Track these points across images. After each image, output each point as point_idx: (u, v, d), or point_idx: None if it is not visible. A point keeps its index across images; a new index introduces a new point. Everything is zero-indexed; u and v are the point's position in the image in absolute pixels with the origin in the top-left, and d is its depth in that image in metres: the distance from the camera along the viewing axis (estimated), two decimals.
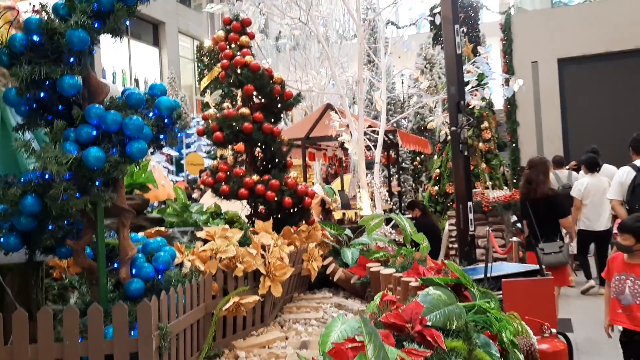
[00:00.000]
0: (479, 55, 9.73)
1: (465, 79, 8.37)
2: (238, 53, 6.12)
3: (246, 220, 6.11)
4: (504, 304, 3.76)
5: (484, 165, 11.30)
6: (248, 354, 3.72)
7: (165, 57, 27.69)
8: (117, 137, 3.16)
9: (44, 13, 3.16)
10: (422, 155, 15.20)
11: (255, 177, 5.70)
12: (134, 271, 3.39)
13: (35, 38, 3.07)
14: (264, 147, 5.99)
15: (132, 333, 2.98)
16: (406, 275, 4.03)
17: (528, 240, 6.64)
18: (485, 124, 11.21)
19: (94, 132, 3.12)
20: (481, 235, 9.07)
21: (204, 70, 27.39)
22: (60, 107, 3.33)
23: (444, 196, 12.04)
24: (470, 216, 5.78)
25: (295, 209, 5.71)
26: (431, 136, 14.31)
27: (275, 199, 5.56)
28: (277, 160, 6.07)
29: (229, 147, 9.17)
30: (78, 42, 3.03)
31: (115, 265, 3.51)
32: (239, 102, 6.95)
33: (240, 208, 6.42)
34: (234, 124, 5.81)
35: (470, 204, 5.81)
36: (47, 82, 3.14)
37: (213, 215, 6.54)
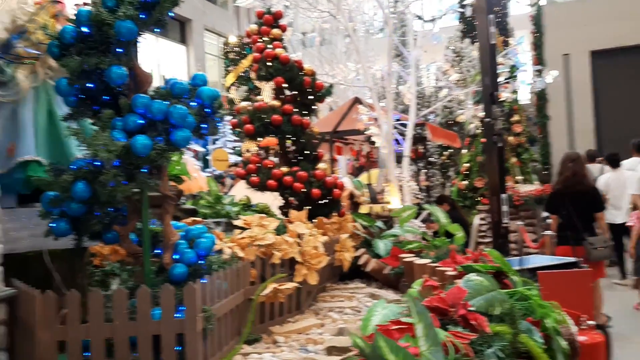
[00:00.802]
0: (510, 47, 9.64)
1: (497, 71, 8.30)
2: (269, 46, 6.19)
3: (278, 212, 6.19)
4: (541, 297, 3.76)
5: (514, 159, 11.19)
6: (286, 339, 3.79)
7: (191, 54, 27.96)
8: (162, 125, 3.24)
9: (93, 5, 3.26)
10: (451, 150, 15.12)
11: (284, 169, 5.78)
12: (176, 256, 3.47)
13: (84, 30, 3.17)
14: (294, 139, 6.05)
15: (177, 315, 3.06)
16: (442, 265, 4.05)
17: (561, 234, 6.55)
18: (516, 117, 11.11)
19: (141, 121, 3.20)
20: (512, 230, 9.01)
21: (229, 66, 27.60)
22: (106, 97, 3.43)
23: (473, 191, 11.94)
24: (504, 208, 5.76)
25: (325, 201, 5.76)
26: (460, 130, 14.21)
27: (304, 190, 5.63)
28: (307, 152, 6.13)
29: (255, 141, 9.27)
30: (126, 32, 3.11)
31: (159, 250, 3.61)
32: (264, 96, 7.03)
33: (271, 200, 6.50)
34: (263, 116, 5.90)
35: (503, 196, 5.79)
36: (95, 73, 3.24)
37: (244, 207, 6.64)
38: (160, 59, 24.68)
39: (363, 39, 14.09)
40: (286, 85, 6.00)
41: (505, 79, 9.17)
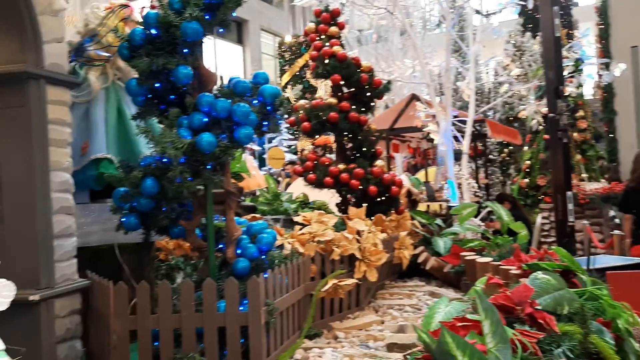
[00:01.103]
0: (575, 40, 9.30)
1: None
2: (327, 44, 6.23)
3: (336, 209, 6.21)
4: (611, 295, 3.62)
5: (579, 156, 10.78)
6: (347, 335, 3.81)
7: (248, 54, 28.42)
8: (226, 123, 3.33)
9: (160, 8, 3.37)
10: (511, 147, 14.72)
11: (341, 166, 5.79)
12: (239, 251, 3.56)
13: (153, 31, 3.29)
14: (350, 136, 6.06)
15: (241, 308, 3.14)
16: (505, 263, 3.96)
17: (637, 234, 6.25)
18: (581, 112, 10.69)
19: (206, 119, 3.30)
20: (578, 229, 8.69)
21: (284, 66, 27.88)
22: (172, 96, 3.55)
23: (535, 189, 11.58)
24: (570, 206, 5.56)
25: (383, 198, 5.74)
26: (521, 126, 13.81)
27: (360, 187, 5.63)
28: (364, 149, 6.12)
29: (311, 139, 9.34)
30: (192, 33, 3.21)
31: (221, 245, 3.70)
32: (319, 94, 7.05)
33: (328, 198, 6.54)
34: (320, 113, 5.93)
35: (569, 193, 5.59)
36: (163, 73, 3.36)
37: (302, 204, 6.71)
38: (217, 59, 25.20)
39: (420, 34, 13.93)
40: (343, 82, 6.02)
41: (570, 73, 8.85)
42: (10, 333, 3.10)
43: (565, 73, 8.74)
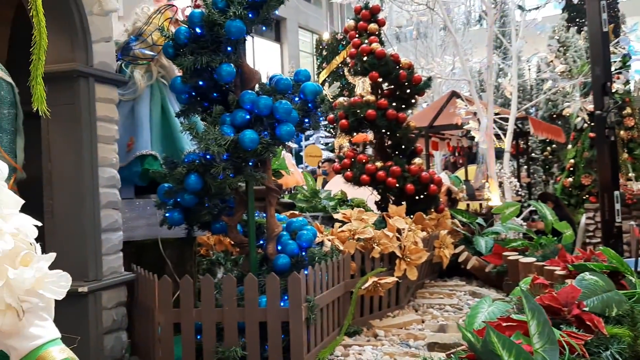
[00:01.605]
0: (622, 35, 9.01)
1: None
2: (365, 41, 6.20)
3: (374, 207, 6.19)
4: None
5: (626, 155, 10.44)
6: (386, 333, 3.80)
7: (286, 51, 28.55)
8: (268, 120, 3.35)
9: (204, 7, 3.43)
10: (554, 145, 14.36)
11: (378, 164, 5.76)
12: (279, 247, 3.58)
13: (197, 30, 3.34)
14: (388, 133, 6.02)
15: (281, 304, 3.16)
16: (550, 264, 3.88)
17: None
18: (628, 109, 10.35)
19: (248, 116, 3.33)
20: (625, 231, 8.42)
21: (322, 63, 27.91)
22: (215, 94, 3.60)
23: (579, 188, 11.28)
24: (617, 206, 5.40)
25: (421, 196, 5.68)
26: (564, 124, 13.46)
27: (397, 185, 5.59)
28: (402, 147, 6.07)
29: (348, 136, 9.31)
30: (236, 31, 3.25)
31: (262, 241, 3.74)
32: (356, 92, 7.01)
33: (366, 195, 6.53)
34: (358, 111, 5.92)
35: (617, 193, 5.43)
36: (207, 71, 3.41)
37: (340, 202, 6.72)
38: (255, 57, 25.40)
39: (460, 31, 13.74)
40: (381, 79, 5.99)
41: (617, 69, 8.57)
42: (61, 323, 3.21)
43: (612, 69, 8.49)
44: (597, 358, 2.24)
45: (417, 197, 5.69)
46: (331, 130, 17.41)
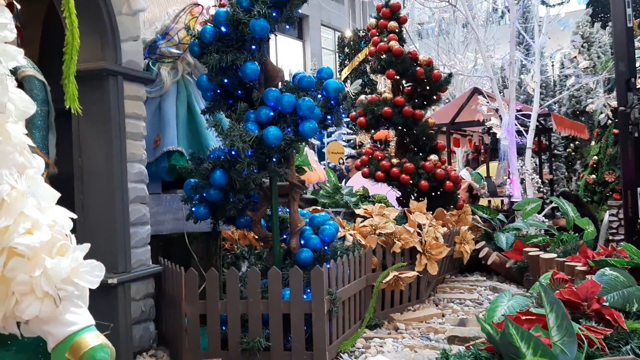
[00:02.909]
0: None
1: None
2: (385, 39, 6.23)
3: (396, 203, 6.23)
4: None
5: None
6: (407, 327, 3.85)
7: (308, 49, 28.62)
8: (291, 117, 3.42)
9: (229, 6, 3.50)
10: (577, 142, 14.20)
11: (394, 160, 5.79)
12: (302, 242, 3.65)
13: (222, 29, 3.42)
14: (405, 130, 6.04)
15: (304, 297, 3.24)
16: (571, 260, 3.89)
17: None
18: None
19: (272, 113, 3.41)
20: None
21: (344, 60, 27.91)
22: (240, 92, 3.68)
23: (602, 185, 11.16)
24: None
25: (438, 193, 5.69)
26: (588, 120, 13.31)
27: (411, 182, 5.62)
28: (420, 144, 6.06)
29: (369, 134, 9.33)
30: (260, 30, 3.32)
31: (285, 236, 3.81)
32: (378, 89, 7.01)
33: (387, 192, 6.56)
34: (375, 108, 5.95)
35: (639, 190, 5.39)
36: (231, 69, 3.49)
37: (362, 198, 6.77)
38: (278, 55, 25.50)
39: (483, 27, 13.65)
40: (399, 77, 6.01)
41: None
42: (91, 314, 3.33)
43: (637, 65, 8.37)
44: (617, 352, 2.27)
45: (433, 194, 5.70)
46: (353, 127, 17.45)
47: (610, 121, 10.63)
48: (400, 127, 6.01)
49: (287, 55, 27.26)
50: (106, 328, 2.96)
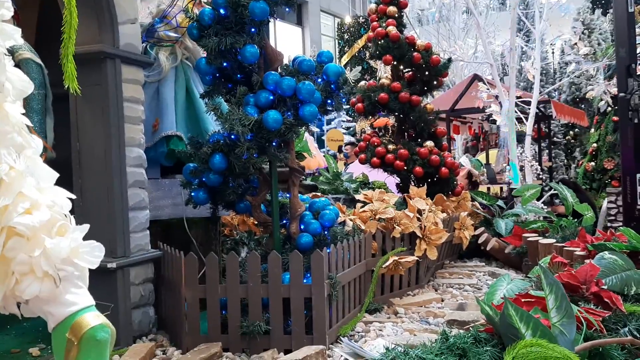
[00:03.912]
0: None
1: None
2: (384, 24, 6.18)
3: (395, 190, 6.23)
4: None
5: None
6: (406, 311, 3.86)
7: (307, 35, 28.45)
8: (291, 101, 3.40)
9: None
10: (576, 129, 14.19)
11: (391, 147, 5.77)
12: (302, 227, 3.65)
13: (221, 11, 3.39)
14: (402, 116, 6.02)
15: (304, 281, 3.24)
16: (570, 245, 3.89)
17: None
18: None
19: (271, 97, 3.38)
20: None
21: (344, 47, 27.77)
22: (239, 75, 3.65)
23: (602, 172, 11.18)
24: (639, 189, 5.36)
25: (434, 179, 5.68)
26: (588, 107, 13.28)
27: (405, 168, 5.61)
28: (418, 130, 6.03)
29: (370, 121, 9.29)
30: (259, 12, 3.29)
31: (285, 221, 3.81)
32: (379, 76, 6.97)
33: (387, 178, 6.56)
34: (372, 94, 5.92)
35: (639, 175, 5.38)
36: (231, 53, 3.46)
37: (361, 184, 6.77)
38: (277, 41, 25.36)
39: (483, 14, 13.58)
40: (396, 62, 5.97)
41: None
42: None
43: (638, 51, 8.33)
44: (615, 334, 2.28)
45: (429, 180, 5.69)
46: (352, 114, 17.41)
47: (610, 108, 10.61)
48: (396, 114, 5.98)
49: (286, 41, 27.10)
50: (107, 309, 2.97)
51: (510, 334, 1.90)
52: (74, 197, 1.71)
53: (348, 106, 9.05)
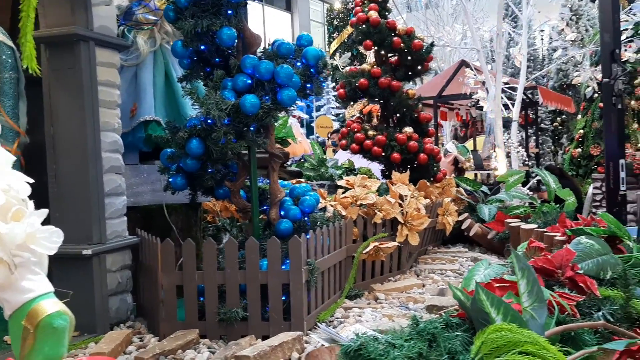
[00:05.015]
0: (636, 1, 8.82)
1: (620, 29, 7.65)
2: (366, 9, 6.11)
3: (381, 176, 6.21)
4: None
5: (636, 125, 10.33)
6: (387, 297, 3.85)
7: (296, 21, 28.24)
8: (269, 85, 3.35)
9: None
10: (564, 116, 14.22)
11: (370, 133, 5.74)
12: (282, 213, 3.62)
13: None
14: (382, 102, 5.98)
15: (283, 267, 3.21)
16: (550, 230, 3.89)
17: None
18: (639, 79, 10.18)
19: (249, 81, 3.33)
20: (631, 201, 8.39)
21: (333, 33, 27.60)
22: (217, 59, 3.59)
23: (588, 159, 11.22)
24: (622, 175, 5.38)
25: (414, 165, 5.66)
26: (575, 94, 13.30)
27: (383, 154, 5.58)
28: (400, 115, 6.00)
29: (361, 107, 9.25)
30: None
31: (266, 207, 3.77)
32: (367, 62, 6.91)
33: (373, 165, 6.53)
34: (352, 80, 5.87)
35: (622, 161, 5.40)
36: (208, 35, 3.40)
37: (347, 171, 6.74)
38: (266, 27, 25.16)
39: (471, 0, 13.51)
40: (376, 47, 5.91)
41: (628, 37, 8.42)
42: (67, 286, 3.29)
43: (623, 37, 8.34)
44: (589, 318, 2.28)
45: (410, 166, 5.67)
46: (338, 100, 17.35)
47: (596, 95, 10.63)
48: (377, 99, 5.95)
49: (275, 27, 26.87)
50: (78, 299, 2.92)
51: (481, 319, 1.89)
52: (31, 180, 1.66)
53: (337, 93, 9.02)
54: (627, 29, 8.43)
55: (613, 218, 3.08)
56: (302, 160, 7.88)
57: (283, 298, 3.18)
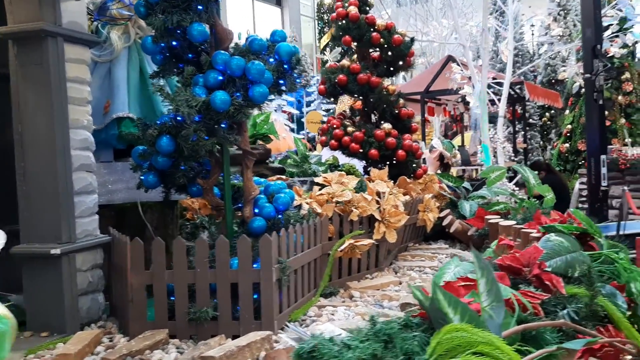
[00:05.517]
0: None
1: (605, 24, 7.65)
2: (347, 4, 6.06)
3: (363, 172, 6.18)
4: (637, 263, 3.50)
5: (623, 120, 10.36)
6: (362, 294, 3.83)
7: (287, 16, 28.12)
8: (241, 81, 3.30)
9: None
10: (552, 111, 14.24)
11: (350, 129, 5.71)
12: (256, 210, 3.58)
13: None
14: (361, 98, 5.94)
15: (255, 266, 3.18)
16: (527, 227, 3.88)
17: None
18: (627, 74, 10.20)
19: (220, 77, 3.28)
20: (616, 196, 8.40)
21: (324, 28, 27.51)
22: (190, 55, 3.54)
23: (575, 154, 11.24)
24: (603, 170, 5.37)
25: (393, 161, 5.63)
26: (563, 89, 13.31)
27: (360, 150, 5.56)
28: (380, 111, 5.96)
29: (351, 103, 9.19)
30: None
31: (241, 205, 3.73)
32: (355, 58, 6.86)
33: (358, 161, 6.50)
34: (332, 76, 5.83)
35: (603, 157, 5.40)
36: (179, 31, 3.35)
37: (331, 167, 6.70)
38: (256, 21, 25.04)
39: None
40: (356, 43, 5.87)
41: (613, 33, 8.42)
42: (37, 285, 3.26)
43: (608, 32, 8.34)
44: (554, 317, 2.26)
45: (389, 163, 5.65)
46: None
47: (583, 90, 10.64)
48: (356, 95, 5.92)
49: (265, 22, 26.73)
50: (9, 298, 2.86)
51: (440, 319, 1.86)
52: None
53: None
54: (612, 25, 8.42)
55: (583, 214, 3.06)
56: (286, 157, 7.85)
57: (255, 297, 3.15)
